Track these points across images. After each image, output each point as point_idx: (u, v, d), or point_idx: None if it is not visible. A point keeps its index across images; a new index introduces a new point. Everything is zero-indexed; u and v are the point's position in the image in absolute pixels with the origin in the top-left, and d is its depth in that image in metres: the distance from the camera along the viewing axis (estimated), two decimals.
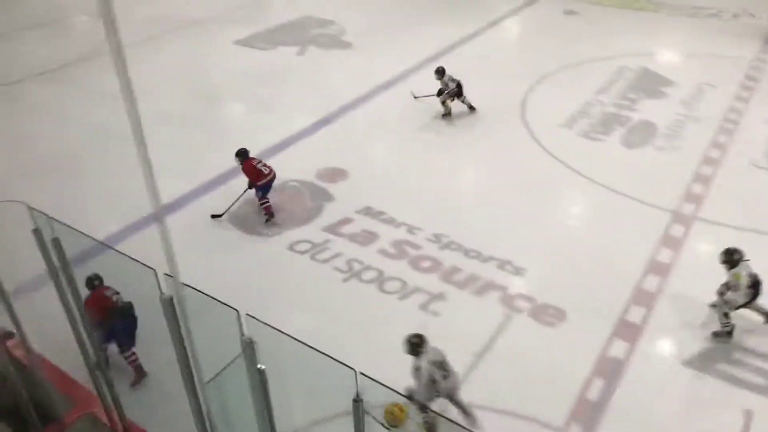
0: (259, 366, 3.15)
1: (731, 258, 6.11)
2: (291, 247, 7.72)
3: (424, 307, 6.76)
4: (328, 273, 7.29)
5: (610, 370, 5.96)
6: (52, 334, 5.48)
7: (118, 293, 5.70)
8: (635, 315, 6.60)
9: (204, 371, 3.32)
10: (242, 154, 8.24)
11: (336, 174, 9.22)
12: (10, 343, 5.20)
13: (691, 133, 10.20)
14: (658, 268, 7.23)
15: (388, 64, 12.97)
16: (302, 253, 7.63)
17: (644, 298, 6.80)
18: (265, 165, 8.21)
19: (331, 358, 3.00)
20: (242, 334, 3.15)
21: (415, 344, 5.18)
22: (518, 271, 7.25)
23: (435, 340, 5.31)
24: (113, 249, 3.94)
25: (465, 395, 5.41)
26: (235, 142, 9.52)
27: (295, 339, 3.18)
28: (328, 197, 8.72)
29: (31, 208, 4.15)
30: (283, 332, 3.20)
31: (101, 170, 9.45)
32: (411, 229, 7.99)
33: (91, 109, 11.09)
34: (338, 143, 10.18)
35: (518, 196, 8.69)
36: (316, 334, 6.14)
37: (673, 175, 9.04)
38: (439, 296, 6.91)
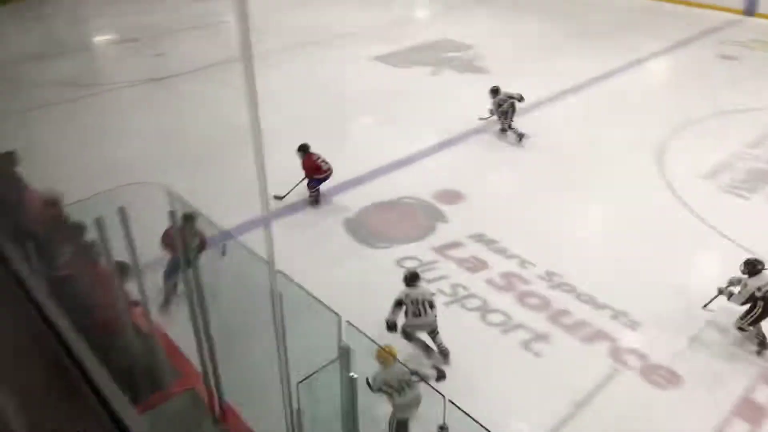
0: (351, 374, 3.19)
1: (754, 268, 6.31)
2: (398, 262, 7.78)
3: (525, 345, 6.52)
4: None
5: None
6: (176, 308, 5.92)
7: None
8: (762, 395, 5.94)
9: (298, 369, 3.42)
10: (304, 149, 8.84)
11: (453, 196, 9.20)
12: (135, 310, 5.68)
13: None
14: None
15: (522, 92, 12.76)
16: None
17: None
18: (324, 161, 8.85)
19: (423, 380, 2.97)
20: (340, 340, 3.21)
21: (412, 277, 6.29)
22: (633, 325, 6.79)
23: (533, 381, 5.10)
24: (234, 237, 4.18)
25: None
26: (359, 153, 9.81)
27: (395, 357, 3.19)
28: (441, 218, 8.71)
29: (169, 191, 4.51)
30: (379, 345, 3.23)
31: (236, 165, 10.10)
32: (523, 263, 7.76)
33: (235, 107, 11.93)
34: (460, 166, 10.17)
35: (644, 245, 8.15)
36: (411, 353, 6.18)
37: None
38: (544, 337, 6.64)
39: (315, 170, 8.81)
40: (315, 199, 9.00)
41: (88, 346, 2.78)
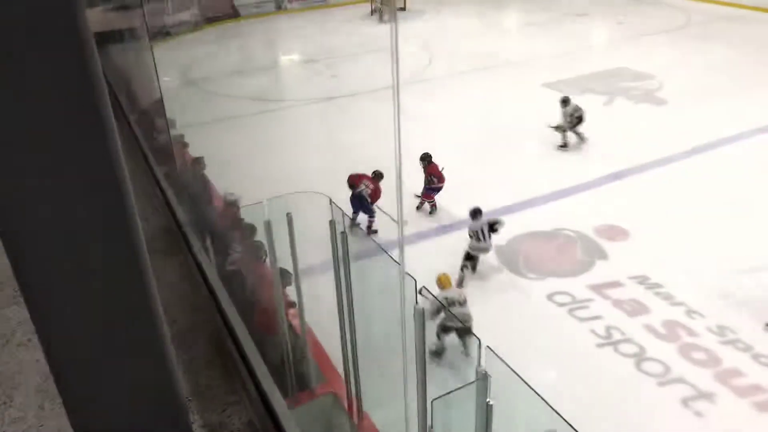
0: (488, 400, 3.12)
1: None
2: (549, 296, 7.47)
3: (685, 402, 5.90)
4: (583, 334, 6.86)
5: None
6: (324, 314, 6.24)
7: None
8: None
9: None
10: (428, 158, 9.40)
11: (616, 232, 8.64)
12: (290, 312, 6.07)
13: None
14: None
15: (705, 127, 11.71)
16: (560, 305, 7.32)
17: None
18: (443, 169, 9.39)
19: (564, 420, 2.81)
20: (479, 365, 3.16)
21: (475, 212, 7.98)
22: None
23: None
24: (386, 252, 4.31)
25: None
26: (518, 181, 9.63)
27: (532, 389, 3.07)
28: (601, 254, 8.22)
29: (332, 202, 4.78)
30: (520, 377, 3.12)
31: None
32: (690, 312, 7.05)
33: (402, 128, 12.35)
34: (627, 201, 9.52)
35: None
36: (552, 391, 5.86)
37: None
38: (708, 396, 5.95)
39: (440, 178, 9.31)
40: (433, 206, 9.45)
41: (249, 336, 3.04)
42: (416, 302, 3.64)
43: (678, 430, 5.67)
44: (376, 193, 9.00)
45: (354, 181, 9.10)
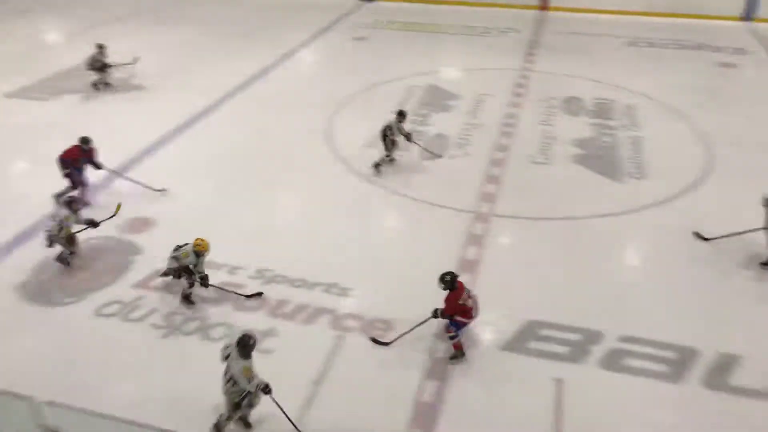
0: None
1: None
2: (97, 312, 7.01)
3: (269, 352, 6.51)
4: (145, 332, 6.74)
5: (440, 370, 6.27)
6: None
7: None
8: None
9: None
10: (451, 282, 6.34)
11: (141, 224, 8.62)
12: None
13: (477, 139, 11.25)
14: (469, 266, 7.80)
15: (186, 103, 12.55)
16: (110, 315, 6.96)
17: None
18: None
19: None
20: (39, 425, 2.77)
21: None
22: (345, 292, 7.35)
23: (271, 377, 5.18)
24: None
25: (313, 423, 5.33)
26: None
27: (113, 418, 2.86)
28: (135, 250, 8.10)
29: None
30: (91, 413, 2.87)
31: None
32: (232, 270, 7.72)
33: None
34: (142, 191, 9.44)
35: (335, 219, 8.87)
36: (142, 404, 5.68)
37: (469, 179, 9.88)
38: (270, 332, 6.74)
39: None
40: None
41: None
42: None
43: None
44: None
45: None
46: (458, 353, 6.41)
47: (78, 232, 7.76)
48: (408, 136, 10.08)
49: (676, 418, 5.80)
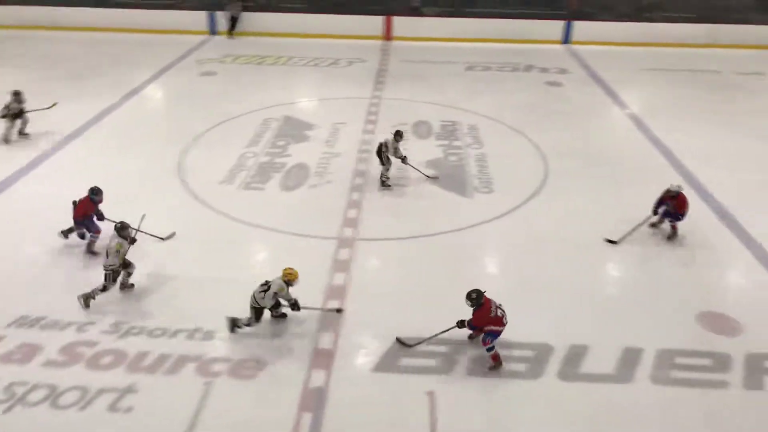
0: None
1: None
2: None
3: (112, 407, 6.04)
4: None
5: (315, 401, 6.20)
6: None
7: None
8: (326, 341, 7.02)
9: None
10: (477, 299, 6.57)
11: None
12: None
13: (336, 167, 11.42)
14: (337, 292, 7.84)
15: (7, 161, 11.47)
16: None
17: (331, 323, 7.28)
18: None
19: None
20: None
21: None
22: (209, 336, 7.05)
23: None
24: None
25: None
26: None
27: None
28: None
29: None
30: None
31: None
32: (81, 327, 7.11)
33: None
34: None
35: (188, 260, 8.50)
36: None
37: (332, 206, 9.98)
38: (129, 389, 6.27)
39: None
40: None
41: None
42: None
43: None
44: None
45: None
46: (497, 364, 6.62)
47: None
48: (403, 159, 10.60)
49: (546, 412, 6.22)
